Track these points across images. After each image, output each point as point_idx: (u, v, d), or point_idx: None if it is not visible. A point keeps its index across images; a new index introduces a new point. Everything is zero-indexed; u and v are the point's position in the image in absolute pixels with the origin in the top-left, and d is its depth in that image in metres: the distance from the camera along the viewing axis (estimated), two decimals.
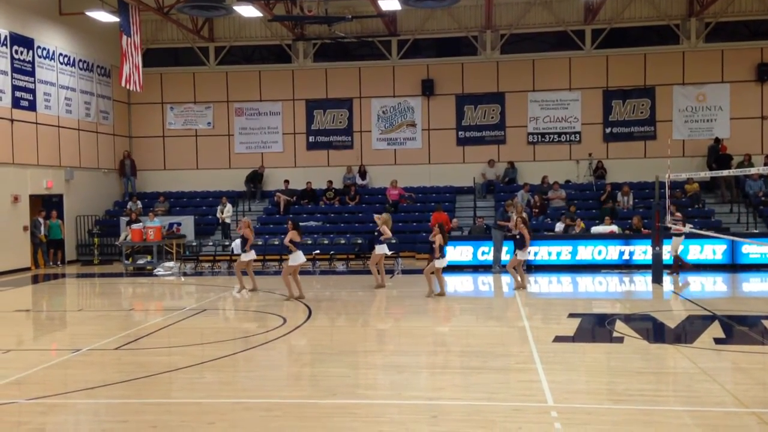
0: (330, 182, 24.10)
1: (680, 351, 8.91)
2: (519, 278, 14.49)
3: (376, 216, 15.58)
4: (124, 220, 21.53)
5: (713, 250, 17.63)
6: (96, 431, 6.35)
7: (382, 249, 14.93)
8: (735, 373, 8.05)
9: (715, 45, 23.35)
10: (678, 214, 16.96)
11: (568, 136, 24.10)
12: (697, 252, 17.62)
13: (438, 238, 13.44)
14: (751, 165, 21.33)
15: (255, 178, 24.80)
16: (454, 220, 19.91)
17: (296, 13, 21.92)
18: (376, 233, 15.07)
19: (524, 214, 15.72)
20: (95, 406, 7.06)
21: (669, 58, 23.54)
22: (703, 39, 23.34)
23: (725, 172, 16.58)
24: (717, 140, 22.63)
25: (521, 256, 14.56)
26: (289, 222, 13.70)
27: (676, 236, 16.49)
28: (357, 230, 21.48)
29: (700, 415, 6.40)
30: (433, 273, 13.69)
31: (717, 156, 22.09)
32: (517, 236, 14.48)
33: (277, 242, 19.43)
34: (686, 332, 10.37)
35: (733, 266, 17.48)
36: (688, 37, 23.34)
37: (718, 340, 9.50)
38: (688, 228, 15.79)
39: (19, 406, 7.02)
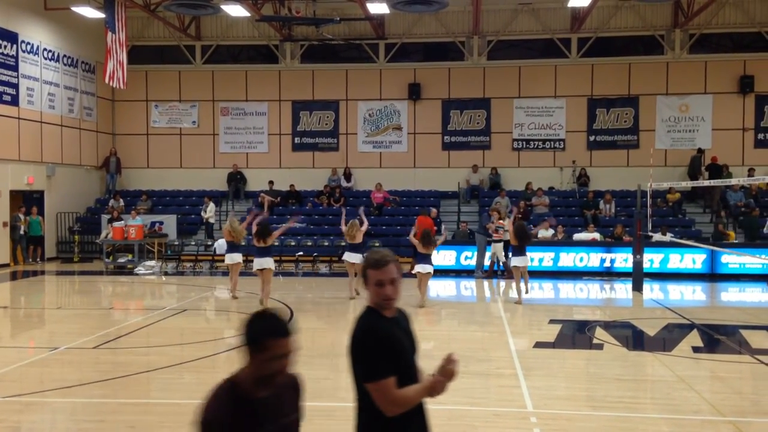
0: (326, 186, 23.86)
1: (659, 359, 8.98)
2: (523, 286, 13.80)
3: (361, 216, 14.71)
4: (105, 217, 21.35)
5: (693, 260, 17.82)
6: (72, 430, 6.28)
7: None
8: (712, 382, 8.13)
9: (699, 56, 23.60)
10: (501, 222, 16.89)
11: (552, 143, 24.21)
12: (677, 261, 17.80)
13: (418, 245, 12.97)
14: (729, 175, 21.60)
15: (233, 178, 24.67)
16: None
17: (284, 13, 21.90)
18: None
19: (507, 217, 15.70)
20: (72, 405, 6.98)
21: (653, 68, 23.76)
22: (687, 50, 23.58)
23: (706, 183, 16.78)
24: (700, 150, 22.88)
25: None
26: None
27: (496, 242, 16.86)
28: (340, 233, 21.35)
29: (678, 423, 6.46)
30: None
31: (708, 166, 22.33)
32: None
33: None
34: (665, 340, 10.45)
35: (712, 276, 17.67)
36: (672, 47, 23.58)
37: (696, 349, 9.60)
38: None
39: None
